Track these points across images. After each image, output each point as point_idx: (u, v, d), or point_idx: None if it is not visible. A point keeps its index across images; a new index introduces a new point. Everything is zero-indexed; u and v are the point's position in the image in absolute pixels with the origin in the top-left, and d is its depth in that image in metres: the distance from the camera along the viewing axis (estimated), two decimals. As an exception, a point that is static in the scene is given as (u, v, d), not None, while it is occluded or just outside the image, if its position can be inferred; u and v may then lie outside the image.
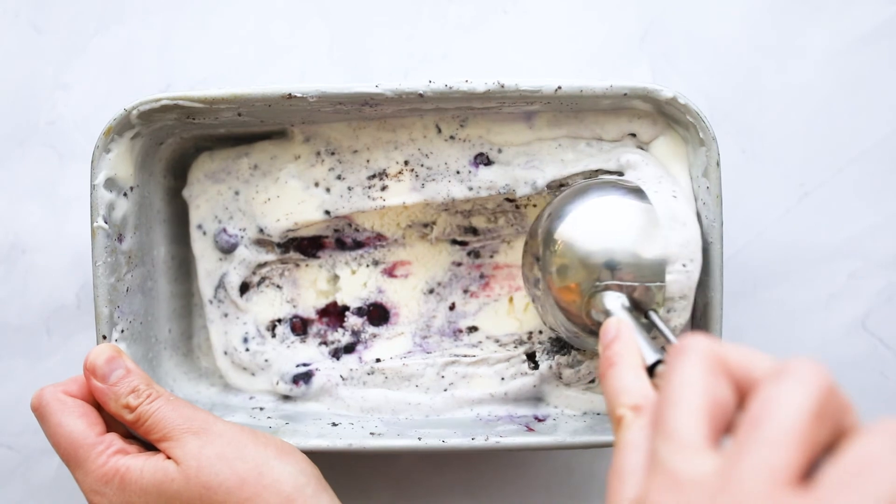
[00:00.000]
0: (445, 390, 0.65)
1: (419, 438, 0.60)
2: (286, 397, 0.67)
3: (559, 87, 0.58)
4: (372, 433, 0.62)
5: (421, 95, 0.59)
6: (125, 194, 0.61)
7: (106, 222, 0.60)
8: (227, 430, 0.55)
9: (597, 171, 0.62)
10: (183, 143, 0.65)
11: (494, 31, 0.71)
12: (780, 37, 0.70)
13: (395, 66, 0.72)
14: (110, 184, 0.60)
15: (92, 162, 0.59)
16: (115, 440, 0.54)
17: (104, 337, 0.60)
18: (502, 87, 0.58)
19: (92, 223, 0.59)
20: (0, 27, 0.72)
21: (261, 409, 0.66)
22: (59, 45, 0.72)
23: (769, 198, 0.70)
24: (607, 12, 0.71)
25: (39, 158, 0.72)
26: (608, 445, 0.59)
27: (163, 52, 0.72)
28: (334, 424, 0.64)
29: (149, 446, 0.56)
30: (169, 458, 0.54)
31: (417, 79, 0.59)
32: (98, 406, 0.56)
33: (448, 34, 0.71)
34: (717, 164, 0.58)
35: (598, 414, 0.64)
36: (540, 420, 0.64)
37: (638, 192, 0.58)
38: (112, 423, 0.56)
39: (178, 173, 0.67)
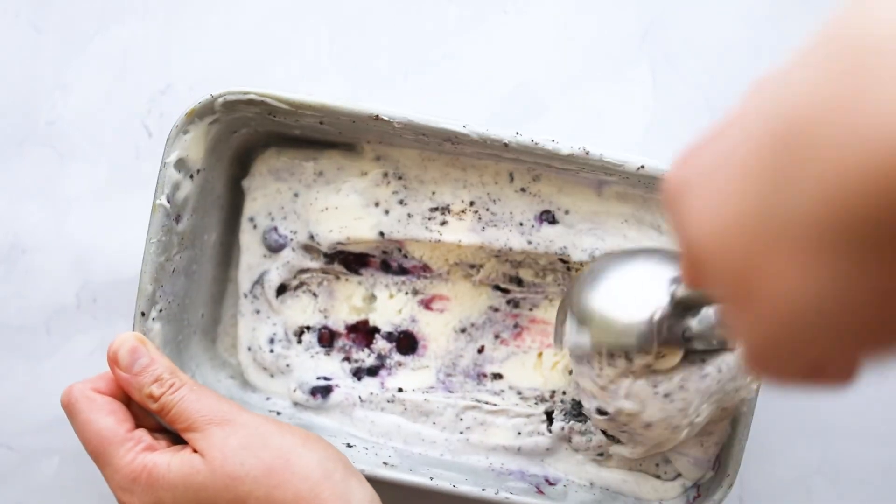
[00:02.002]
0: (461, 433, 0.65)
1: (431, 478, 0.60)
2: (298, 404, 0.66)
3: (642, 167, 0.58)
4: (385, 463, 0.62)
5: (505, 144, 0.59)
6: (191, 176, 0.61)
7: (168, 201, 0.59)
8: (252, 419, 0.54)
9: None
10: (255, 136, 0.65)
11: (495, 31, 0.71)
12: (780, 37, 0.70)
13: (396, 66, 0.71)
14: (180, 164, 0.60)
15: (167, 140, 0.59)
16: (143, 436, 0.54)
17: (143, 314, 0.60)
18: (587, 153, 0.58)
19: (155, 200, 0.59)
20: (0, 27, 0.72)
21: (278, 413, 0.65)
22: (58, 45, 0.72)
23: None
24: (607, 12, 0.71)
25: (39, 158, 0.71)
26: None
27: (162, 52, 0.71)
28: (349, 446, 0.63)
29: (178, 438, 0.55)
30: (196, 450, 0.53)
31: (505, 128, 0.59)
32: (128, 401, 0.56)
33: (448, 34, 0.71)
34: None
35: (608, 489, 0.64)
36: (551, 483, 0.64)
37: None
38: (142, 415, 0.56)
39: (244, 163, 0.66)
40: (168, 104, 0.71)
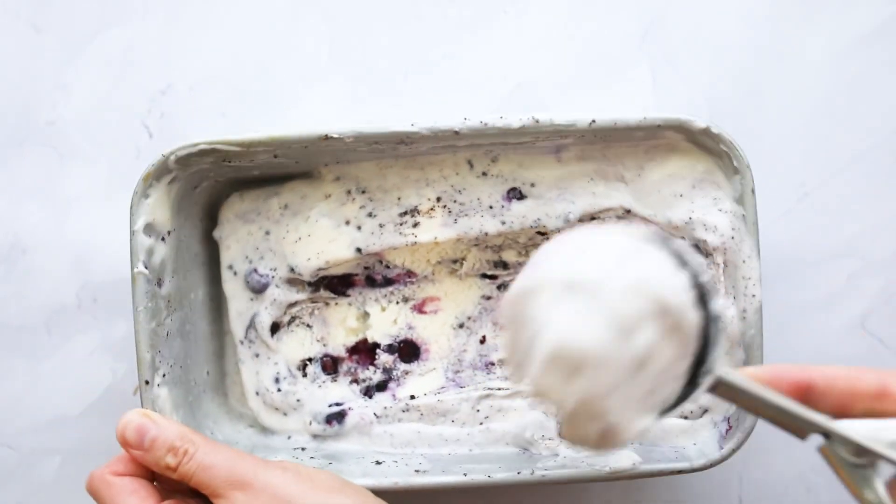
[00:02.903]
0: (481, 423, 0.65)
1: (465, 474, 0.60)
2: (317, 435, 0.66)
3: (593, 121, 0.59)
4: (417, 470, 0.62)
5: (456, 133, 0.59)
6: (163, 239, 0.61)
7: (146, 267, 0.59)
8: (273, 477, 0.53)
9: (628, 211, 0.63)
10: (217, 186, 0.65)
11: (494, 31, 0.72)
12: (779, 37, 0.71)
13: (396, 66, 0.72)
14: (149, 229, 0.60)
15: (131, 208, 0.59)
16: None
17: (147, 382, 0.60)
18: (537, 122, 0.59)
19: (132, 269, 0.59)
20: (0, 27, 0.72)
21: (302, 449, 0.65)
22: (59, 45, 0.72)
23: (769, 198, 0.69)
24: (607, 13, 0.71)
25: (39, 158, 0.72)
26: (657, 475, 0.60)
27: (162, 52, 0.72)
28: (378, 463, 0.64)
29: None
30: None
31: (451, 117, 0.59)
32: (152, 474, 0.55)
33: (448, 35, 0.72)
34: (752, 191, 0.59)
35: (641, 444, 0.64)
36: (583, 451, 0.64)
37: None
38: (172, 480, 0.56)
39: (213, 216, 0.67)
40: (168, 104, 0.71)
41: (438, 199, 0.64)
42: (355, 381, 0.67)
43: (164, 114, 0.71)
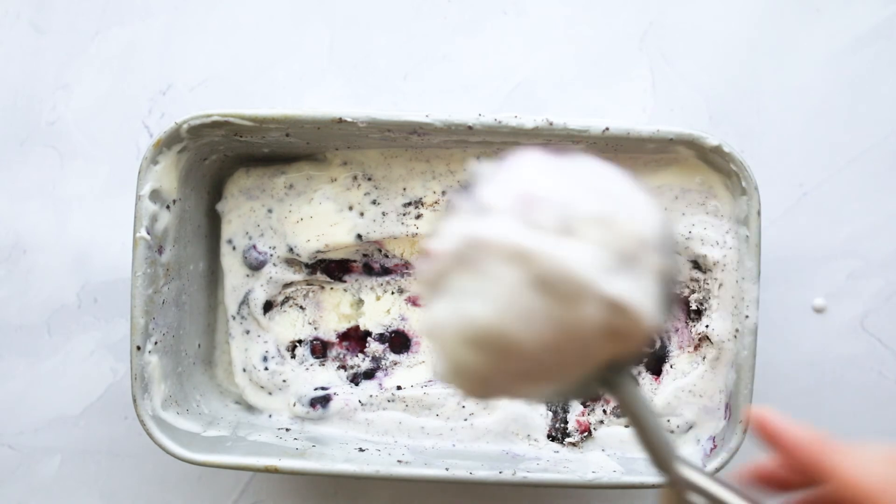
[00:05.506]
0: (465, 419, 0.65)
1: (447, 469, 0.60)
2: (300, 417, 0.66)
3: (607, 129, 0.59)
4: (399, 461, 0.62)
5: (469, 127, 0.59)
6: (168, 207, 0.61)
7: (148, 233, 0.59)
8: None
9: None
10: (226, 161, 0.65)
11: (494, 32, 0.72)
12: (779, 37, 0.71)
13: (395, 67, 0.72)
14: (155, 195, 0.60)
15: (139, 172, 0.59)
16: None
17: (138, 348, 0.59)
18: (551, 124, 0.59)
19: (135, 233, 0.59)
20: (1, 28, 0.72)
21: (287, 430, 0.65)
22: (60, 45, 0.72)
23: (768, 198, 0.68)
24: (606, 13, 0.72)
25: (40, 158, 0.72)
26: (639, 487, 0.60)
27: (163, 53, 0.72)
28: (361, 450, 0.63)
29: None
30: None
31: (467, 111, 0.59)
32: None
33: (448, 35, 0.72)
34: (758, 213, 0.59)
35: (624, 455, 0.64)
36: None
37: None
38: None
39: (220, 190, 0.66)
40: (169, 105, 0.71)
41: (444, 193, 0.64)
42: (343, 367, 0.67)
43: (165, 114, 0.72)
